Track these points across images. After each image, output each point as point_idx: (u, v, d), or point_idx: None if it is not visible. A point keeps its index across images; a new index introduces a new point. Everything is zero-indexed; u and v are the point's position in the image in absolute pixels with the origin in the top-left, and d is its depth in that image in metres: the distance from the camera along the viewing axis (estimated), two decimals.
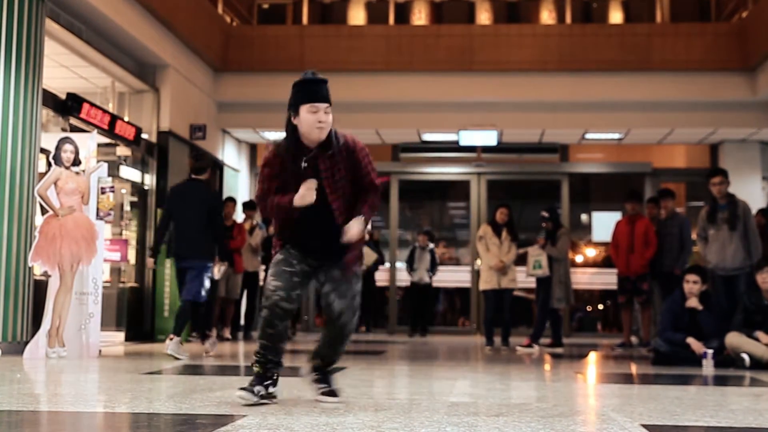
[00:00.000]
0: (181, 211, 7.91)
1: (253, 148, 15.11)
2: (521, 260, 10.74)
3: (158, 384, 5.43)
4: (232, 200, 12.16)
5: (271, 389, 4.20)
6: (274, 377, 4.23)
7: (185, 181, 8.33)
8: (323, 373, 4.44)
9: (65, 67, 9.84)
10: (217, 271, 8.12)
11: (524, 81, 13.02)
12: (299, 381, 5.87)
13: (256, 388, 4.13)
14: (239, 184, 14.37)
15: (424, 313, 13.72)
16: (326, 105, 4.14)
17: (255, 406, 4.07)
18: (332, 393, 4.33)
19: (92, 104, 9.61)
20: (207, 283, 8.07)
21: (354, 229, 4.14)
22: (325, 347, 4.42)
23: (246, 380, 4.19)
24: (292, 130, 4.19)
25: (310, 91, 4.15)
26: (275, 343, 4.18)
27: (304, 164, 4.15)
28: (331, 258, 4.26)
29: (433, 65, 13.06)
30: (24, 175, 7.70)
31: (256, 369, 4.22)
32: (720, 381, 6.57)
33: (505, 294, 10.51)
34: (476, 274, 13.13)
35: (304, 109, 4.12)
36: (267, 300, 4.11)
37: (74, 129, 9.19)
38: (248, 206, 12.39)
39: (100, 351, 7.85)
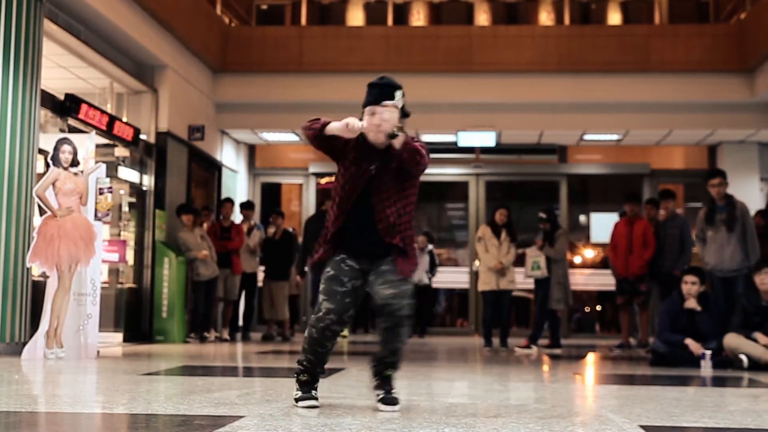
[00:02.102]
0: None
1: (251, 149, 15.11)
2: (520, 261, 10.75)
3: (156, 385, 5.42)
4: (229, 201, 12.17)
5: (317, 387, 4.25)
6: (319, 377, 4.25)
7: None
8: (382, 377, 4.19)
9: (63, 67, 9.83)
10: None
11: (523, 82, 13.02)
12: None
13: (314, 392, 4.16)
14: (237, 185, 14.37)
15: (423, 314, 13.72)
16: (383, 105, 4.11)
17: (254, 407, 4.07)
18: (391, 401, 4.08)
19: (91, 105, 9.60)
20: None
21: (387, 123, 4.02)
22: (381, 345, 4.17)
23: (245, 381, 4.18)
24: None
25: (372, 93, 4.19)
26: (322, 358, 4.16)
27: (372, 167, 4.10)
28: (380, 260, 4.12)
29: (432, 66, 13.07)
30: (22, 175, 7.69)
31: (304, 378, 4.18)
32: (718, 382, 6.58)
33: (504, 295, 10.51)
34: (475, 276, 13.13)
35: (366, 112, 4.15)
36: (319, 321, 4.03)
37: (72, 130, 9.18)
38: (246, 207, 12.39)
39: (98, 352, 7.84)
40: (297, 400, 4.13)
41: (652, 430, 3.65)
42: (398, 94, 4.15)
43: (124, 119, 10.74)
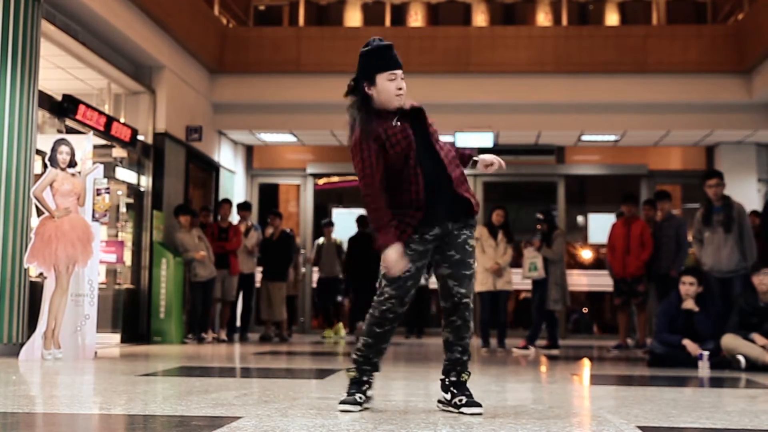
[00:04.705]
0: None
1: (249, 150, 15.11)
2: (517, 262, 10.75)
3: (154, 386, 5.42)
4: (227, 202, 12.18)
5: (369, 392, 4.15)
6: (371, 380, 4.16)
7: None
8: (458, 384, 4.11)
9: (61, 68, 9.83)
10: None
11: (520, 83, 13.03)
12: (295, 383, 5.87)
13: (358, 396, 4.07)
14: (235, 185, 14.37)
15: (421, 314, 13.72)
16: (401, 71, 4.11)
17: (251, 408, 4.07)
18: (475, 403, 4.01)
19: (88, 106, 9.60)
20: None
21: (490, 156, 4.30)
22: (453, 344, 4.11)
23: (243, 382, 4.18)
24: (364, 102, 4.08)
25: (386, 56, 4.07)
26: (380, 344, 4.12)
27: (396, 122, 4.05)
28: (457, 218, 4.08)
29: (430, 67, 13.06)
30: (20, 176, 7.68)
31: (352, 374, 4.13)
32: (716, 383, 6.58)
33: (501, 296, 10.52)
34: None
35: (383, 78, 4.05)
36: (380, 305, 4.03)
37: (70, 130, 9.17)
38: (243, 207, 12.39)
39: (95, 353, 7.84)
40: (339, 402, 4.07)
41: (649, 431, 3.66)
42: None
43: (122, 120, 10.73)
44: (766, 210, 9.56)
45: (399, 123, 4.06)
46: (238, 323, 12.61)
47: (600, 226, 13.74)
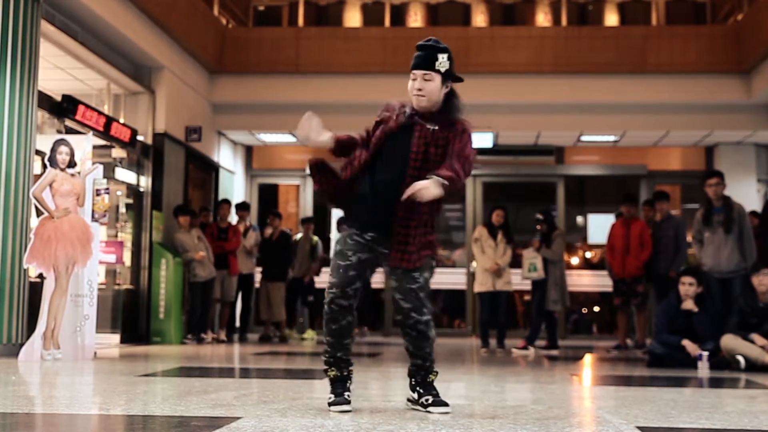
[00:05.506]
0: None
1: (248, 150, 15.11)
2: (517, 263, 10.74)
3: (153, 386, 5.42)
4: (226, 202, 12.18)
5: (351, 387, 4.15)
6: (351, 376, 4.15)
7: None
8: (425, 384, 4.14)
9: (60, 68, 9.83)
10: None
11: (520, 83, 13.02)
12: (294, 383, 5.86)
13: (346, 394, 4.07)
14: (234, 186, 14.36)
15: None
16: (423, 72, 4.12)
17: (251, 408, 4.07)
18: (441, 403, 4.05)
19: (87, 106, 9.59)
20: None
21: (425, 188, 3.79)
22: (412, 354, 4.16)
23: (242, 382, 4.18)
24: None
25: (415, 57, 4.17)
26: (341, 339, 4.07)
27: (403, 122, 4.13)
28: (390, 238, 4.04)
29: None
30: (19, 177, 7.68)
31: (332, 374, 4.11)
32: (715, 383, 6.58)
33: (500, 296, 10.52)
34: (471, 277, 13.13)
35: (410, 78, 4.14)
36: (326, 297, 4.05)
37: (70, 131, 9.17)
38: (241, 207, 12.39)
39: (95, 353, 7.83)
40: (329, 404, 4.05)
41: (649, 431, 3.66)
42: (442, 57, 4.18)
43: (121, 120, 10.73)
44: (766, 210, 9.57)
45: (411, 121, 4.15)
46: (238, 323, 12.60)
47: (599, 226, 13.74)
